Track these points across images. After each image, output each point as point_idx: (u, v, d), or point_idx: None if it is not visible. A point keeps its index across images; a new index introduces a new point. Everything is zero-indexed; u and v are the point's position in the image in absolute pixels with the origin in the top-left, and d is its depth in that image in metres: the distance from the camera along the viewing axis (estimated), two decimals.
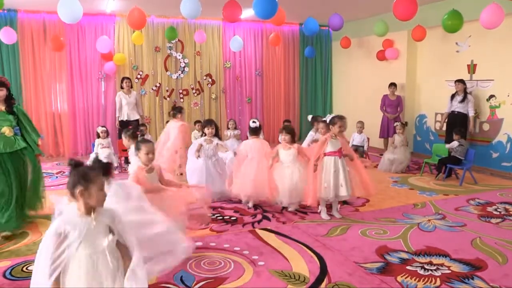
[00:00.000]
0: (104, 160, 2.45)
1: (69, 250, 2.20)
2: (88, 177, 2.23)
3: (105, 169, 2.32)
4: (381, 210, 5.49)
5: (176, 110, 7.04)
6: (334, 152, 5.01)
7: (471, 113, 7.68)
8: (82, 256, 2.23)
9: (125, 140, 4.89)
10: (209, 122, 6.04)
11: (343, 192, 4.97)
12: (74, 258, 2.22)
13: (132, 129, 5.21)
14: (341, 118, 5.13)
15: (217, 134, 6.05)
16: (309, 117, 7.61)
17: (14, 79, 8.92)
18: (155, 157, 3.90)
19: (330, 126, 5.10)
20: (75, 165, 2.27)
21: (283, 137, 5.33)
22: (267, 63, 11.33)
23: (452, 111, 7.84)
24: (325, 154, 5.02)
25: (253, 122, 5.88)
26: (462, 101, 7.66)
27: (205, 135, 6.03)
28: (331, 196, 5.01)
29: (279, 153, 5.37)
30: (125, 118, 8.51)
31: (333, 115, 5.33)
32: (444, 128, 8.12)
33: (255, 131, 5.82)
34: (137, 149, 3.85)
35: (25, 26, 8.94)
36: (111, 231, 2.31)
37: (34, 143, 4.86)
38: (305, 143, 6.92)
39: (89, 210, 2.25)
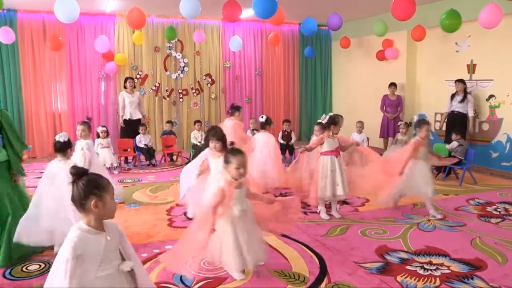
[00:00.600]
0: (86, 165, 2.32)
1: (88, 276, 1.97)
2: (101, 185, 2.02)
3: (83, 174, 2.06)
4: (381, 210, 5.48)
5: (235, 109, 6.71)
6: (331, 151, 5.02)
7: (470, 113, 7.68)
8: (99, 280, 2.00)
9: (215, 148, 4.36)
10: (213, 133, 4.43)
11: (339, 191, 4.99)
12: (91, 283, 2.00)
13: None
14: (339, 117, 5.20)
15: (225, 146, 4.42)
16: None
17: (14, 79, 8.93)
18: (247, 171, 3.45)
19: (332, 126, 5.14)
20: (81, 174, 2.04)
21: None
22: (266, 63, 11.33)
23: (452, 111, 7.83)
24: (321, 154, 5.04)
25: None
26: (462, 101, 7.66)
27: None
28: (327, 196, 5.02)
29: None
30: (127, 117, 8.55)
31: (330, 114, 5.35)
32: (444, 128, 8.13)
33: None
34: (227, 162, 3.41)
35: (24, 26, 8.95)
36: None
37: (17, 157, 3.88)
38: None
39: (101, 224, 2.04)
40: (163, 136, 9.16)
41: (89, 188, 1.99)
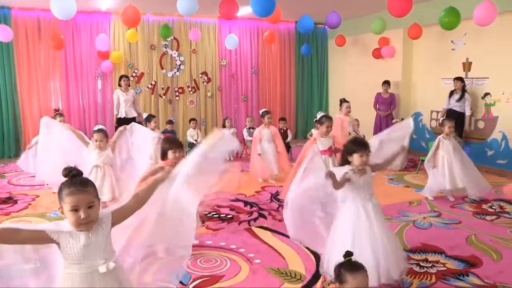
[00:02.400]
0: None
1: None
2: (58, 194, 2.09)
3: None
4: None
5: (265, 112, 7.19)
6: (325, 151, 5.03)
7: (468, 112, 7.73)
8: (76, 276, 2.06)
9: None
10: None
11: None
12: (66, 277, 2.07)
13: None
14: (328, 118, 5.17)
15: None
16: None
17: (9, 78, 8.88)
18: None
19: (318, 125, 5.15)
20: (75, 174, 2.09)
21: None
22: (263, 61, 11.32)
23: (450, 109, 7.90)
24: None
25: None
26: (460, 99, 7.73)
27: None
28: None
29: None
30: (123, 116, 8.52)
31: (322, 114, 5.38)
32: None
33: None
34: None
35: (19, 24, 8.88)
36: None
37: None
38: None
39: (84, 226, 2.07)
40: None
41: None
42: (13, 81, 8.95)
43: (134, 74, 9.94)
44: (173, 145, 3.81)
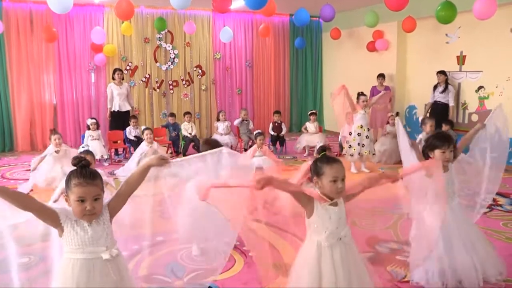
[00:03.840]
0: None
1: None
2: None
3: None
4: (371, 200, 5.50)
5: (257, 134, 7.34)
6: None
7: (451, 103, 7.96)
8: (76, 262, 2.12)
9: None
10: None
11: None
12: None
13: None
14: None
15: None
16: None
17: (0, 71, 8.79)
18: None
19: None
20: (85, 165, 2.15)
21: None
22: (257, 54, 11.29)
23: (435, 101, 8.11)
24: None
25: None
26: (443, 91, 7.94)
27: None
28: None
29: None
30: (116, 109, 8.49)
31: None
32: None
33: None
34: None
35: (10, 16, 8.78)
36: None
37: None
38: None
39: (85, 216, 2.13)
40: (154, 128, 9.13)
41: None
42: (5, 74, 8.85)
43: (128, 68, 9.88)
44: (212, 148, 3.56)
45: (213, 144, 3.78)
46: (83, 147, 4.74)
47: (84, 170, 2.12)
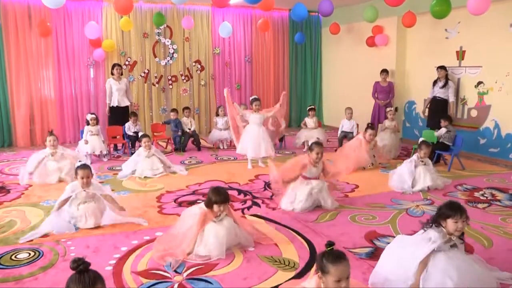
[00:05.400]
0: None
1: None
2: None
3: None
4: (370, 196, 5.53)
5: (253, 100, 7.65)
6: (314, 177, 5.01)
7: (451, 99, 7.88)
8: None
9: None
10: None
11: (327, 205, 4.98)
12: None
13: None
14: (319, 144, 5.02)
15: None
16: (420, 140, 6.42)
17: None
18: None
19: (308, 152, 5.00)
20: (83, 270, 2.02)
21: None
22: (256, 49, 11.26)
23: (434, 97, 8.04)
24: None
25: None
26: (443, 87, 7.87)
27: None
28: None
29: None
30: (115, 104, 8.45)
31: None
32: (427, 113, 8.39)
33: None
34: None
35: (8, 11, 8.73)
36: None
37: None
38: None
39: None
40: (153, 124, 9.14)
41: None
42: (3, 69, 8.82)
43: (126, 63, 9.85)
44: (220, 199, 3.72)
45: (221, 196, 3.75)
46: (80, 161, 4.63)
47: (83, 276, 2.00)
